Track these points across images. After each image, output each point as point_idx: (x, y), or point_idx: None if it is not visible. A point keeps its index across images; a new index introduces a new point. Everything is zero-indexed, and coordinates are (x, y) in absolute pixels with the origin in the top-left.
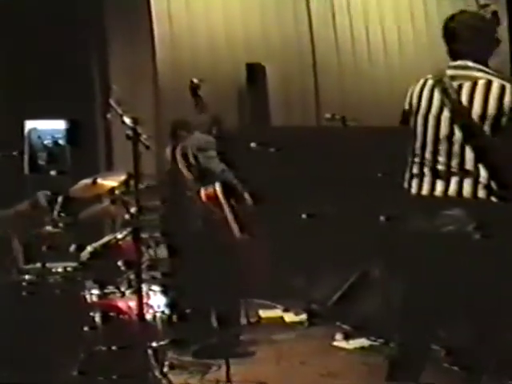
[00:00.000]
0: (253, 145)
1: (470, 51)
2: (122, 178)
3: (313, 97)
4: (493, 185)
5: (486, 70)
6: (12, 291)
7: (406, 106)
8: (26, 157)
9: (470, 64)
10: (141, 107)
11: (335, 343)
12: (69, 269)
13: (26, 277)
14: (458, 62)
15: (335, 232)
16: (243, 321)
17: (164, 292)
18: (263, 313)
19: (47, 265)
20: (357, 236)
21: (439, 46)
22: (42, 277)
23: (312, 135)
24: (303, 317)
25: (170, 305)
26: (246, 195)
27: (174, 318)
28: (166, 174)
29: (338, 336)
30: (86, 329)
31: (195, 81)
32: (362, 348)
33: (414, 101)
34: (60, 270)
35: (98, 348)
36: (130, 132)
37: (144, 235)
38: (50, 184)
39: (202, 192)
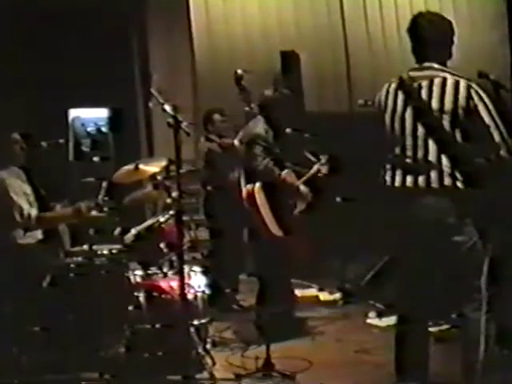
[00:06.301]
0: (288, 130)
1: (435, 52)
2: (163, 163)
3: (345, 83)
4: (457, 173)
5: (444, 69)
6: (60, 273)
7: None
8: (70, 144)
9: (433, 65)
10: (180, 95)
11: (368, 321)
12: (114, 251)
13: (74, 259)
14: (423, 64)
15: (368, 214)
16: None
17: (204, 272)
18: (299, 292)
19: (93, 247)
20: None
21: (467, 33)
22: (89, 259)
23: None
24: (337, 296)
25: (210, 285)
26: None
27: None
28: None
29: (372, 314)
30: (130, 308)
31: (239, 71)
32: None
33: (382, 104)
34: (105, 252)
35: (143, 326)
36: (170, 120)
37: (185, 218)
38: (93, 170)
39: (244, 189)
